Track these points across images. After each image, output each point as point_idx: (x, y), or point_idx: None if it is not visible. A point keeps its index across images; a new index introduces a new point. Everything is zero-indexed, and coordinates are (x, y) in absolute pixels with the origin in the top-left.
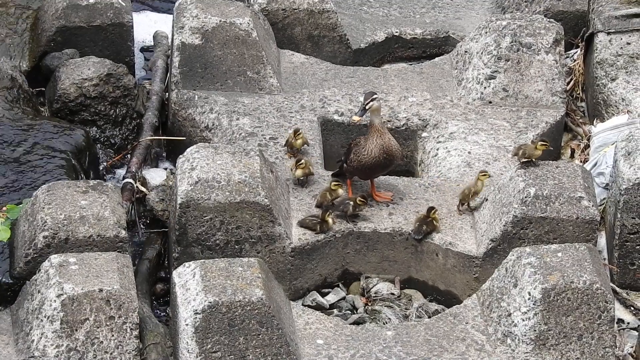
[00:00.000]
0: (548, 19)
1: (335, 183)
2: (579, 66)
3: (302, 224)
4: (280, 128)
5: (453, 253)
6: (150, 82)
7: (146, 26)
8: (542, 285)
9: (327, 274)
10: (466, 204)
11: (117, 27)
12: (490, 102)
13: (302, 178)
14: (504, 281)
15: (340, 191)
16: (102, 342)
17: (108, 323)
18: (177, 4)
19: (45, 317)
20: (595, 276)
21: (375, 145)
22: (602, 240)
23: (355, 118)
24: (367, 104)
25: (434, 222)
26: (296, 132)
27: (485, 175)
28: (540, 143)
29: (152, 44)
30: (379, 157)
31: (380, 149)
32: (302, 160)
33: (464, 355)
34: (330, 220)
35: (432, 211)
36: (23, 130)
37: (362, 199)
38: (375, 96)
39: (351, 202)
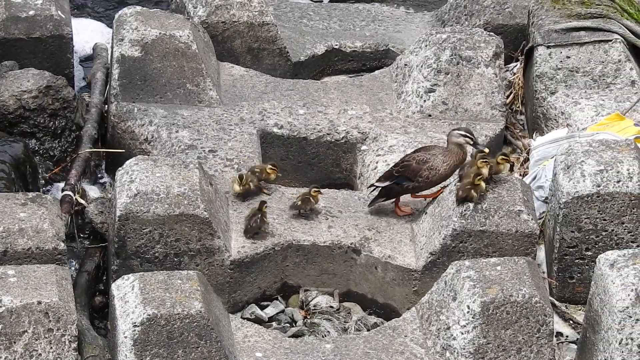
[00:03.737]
0: (488, 33)
1: (315, 189)
2: (519, 80)
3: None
4: (219, 141)
5: (392, 266)
6: (89, 95)
7: (86, 37)
8: (481, 298)
9: (266, 286)
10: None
11: (56, 39)
12: (429, 116)
13: (242, 193)
14: (443, 294)
15: (319, 197)
16: (40, 354)
17: (46, 335)
18: (116, 16)
19: None
20: (534, 290)
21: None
22: (541, 254)
23: (486, 150)
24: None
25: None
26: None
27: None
28: (500, 157)
29: (92, 55)
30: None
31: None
32: (243, 176)
33: None
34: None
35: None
36: None
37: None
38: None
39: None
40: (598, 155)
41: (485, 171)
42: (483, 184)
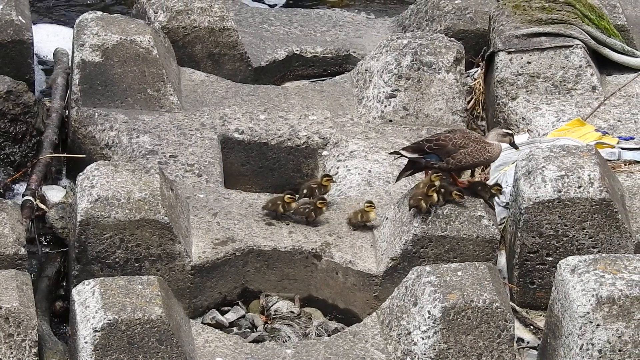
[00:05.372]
0: (449, 38)
1: (289, 196)
2: (480, 85)
3: (296, 213)
4: (180, 146)
5: (353, 271)
6: (50, 100)
7: (47, 42)
8: (442, 304)
9: (226, 292)
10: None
11: (17, 44)
12: (390, 121)
13: None
14: (404, 300)
15: (294, 205)
16: (0, 359)
17: (7, 341)
18: (77, 21)
19: None
20: (495, 295)
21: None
22: (502, 259)
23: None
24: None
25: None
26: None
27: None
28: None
29: (53, 60)
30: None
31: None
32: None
33: None
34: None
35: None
36: None
37: (457, 193)
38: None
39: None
40: (559, 160)
41: (437, 183)
42: (435, 196)
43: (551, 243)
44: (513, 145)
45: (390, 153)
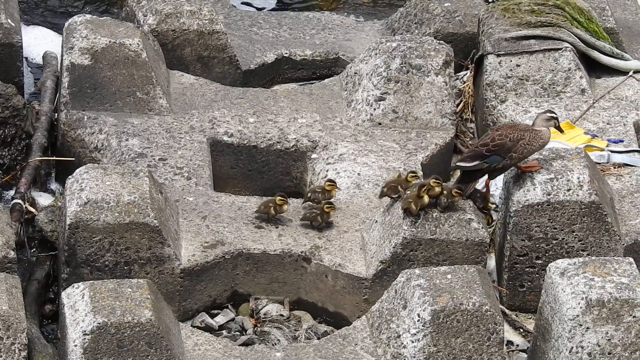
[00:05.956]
0: (438, 41)
1: (280, 198)
2: (469, 88)
3: (303, 219)
4: (169, 149)
5: (342, 274)
6: (39, 103)
7: (35, 46)
8: (432, 307)
9: (216, 295)
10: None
11: (6, 47)
12: (379, 124)
13: None
14: (393, 303)
15: (286, 207)
16: None
17: None
18: (66, 24)
19: None
20: (484, 298)
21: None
22: (491, 262)
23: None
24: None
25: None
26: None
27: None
28: (434, 180)
29: (42, 63)
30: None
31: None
32: None
33: None
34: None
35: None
36: None
37: (457, 191)
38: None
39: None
40: (548, 163)
41: (437, 190)
42: (426, 198)
43: (540, 246)
44: (558, 128)
45: (449, 169)
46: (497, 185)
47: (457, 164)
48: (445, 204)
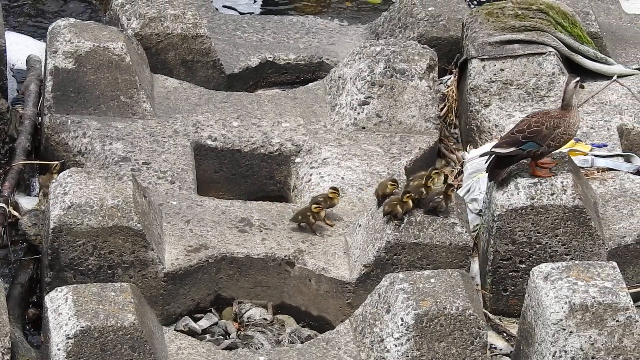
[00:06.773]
0: (422, 45)
1: (316, 205)
2: (453, 92)
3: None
4: (153, 153)
5: (326, 279)
6: (23, 107)
7: (17, 51)
8: (415, 311)
9: (199, 299)
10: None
11: None
12: (363, 128)
13: None
14: (376, 307)
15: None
16: None
17: None
18: (50, 27)
19: None
20: (468, 302)
21: (577, 120)
22: (475, 266)
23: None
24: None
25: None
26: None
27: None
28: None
29: (25, 67)
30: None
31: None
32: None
33: None
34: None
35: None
36: None
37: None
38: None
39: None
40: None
41: (440, 179)
42: (410, 202)
43: (524, 250)
44: (581, 87)
45: (482, 155)
46: (480, 190)
47: (493, 149)
48: (443, 208)
